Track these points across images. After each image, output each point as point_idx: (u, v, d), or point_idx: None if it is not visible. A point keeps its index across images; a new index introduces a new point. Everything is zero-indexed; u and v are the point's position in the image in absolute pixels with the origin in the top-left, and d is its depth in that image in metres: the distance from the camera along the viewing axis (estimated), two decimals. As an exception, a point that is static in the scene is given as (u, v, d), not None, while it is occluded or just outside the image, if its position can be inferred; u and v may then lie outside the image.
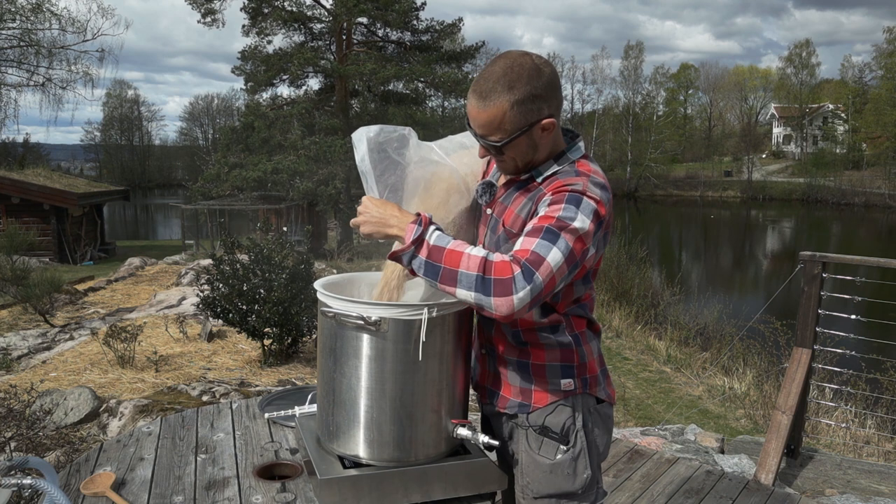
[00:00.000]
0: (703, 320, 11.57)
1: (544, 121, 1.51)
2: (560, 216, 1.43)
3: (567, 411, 1.63)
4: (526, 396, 1.65)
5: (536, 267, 1.37)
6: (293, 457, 1.89)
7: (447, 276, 1.39)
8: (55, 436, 4.69)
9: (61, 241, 18.85)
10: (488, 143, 1.53)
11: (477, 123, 1.52)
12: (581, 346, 1.64)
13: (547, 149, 1.58)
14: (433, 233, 1.44)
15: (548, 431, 1.62)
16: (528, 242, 1.41)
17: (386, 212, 1.51)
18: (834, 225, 41.69)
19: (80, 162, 67.13)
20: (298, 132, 20.86)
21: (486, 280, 1.35)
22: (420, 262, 1.42)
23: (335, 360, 1.60)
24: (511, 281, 1.35)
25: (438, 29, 23.47)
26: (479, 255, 1.38)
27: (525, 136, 1.52)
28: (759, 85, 68.84)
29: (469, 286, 1.37)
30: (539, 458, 1.63)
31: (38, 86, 26.95)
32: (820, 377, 5.14)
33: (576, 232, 1.42)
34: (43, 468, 1.66)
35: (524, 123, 1.49)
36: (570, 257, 1.41)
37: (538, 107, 1.49)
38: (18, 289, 9.89)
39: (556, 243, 1.40)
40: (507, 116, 1.48)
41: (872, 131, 53.27)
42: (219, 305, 6.59)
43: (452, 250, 1.40)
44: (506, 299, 1.35)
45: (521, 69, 1.48)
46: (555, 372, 1.63)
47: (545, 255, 1.38)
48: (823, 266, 3.96)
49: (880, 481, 3.91)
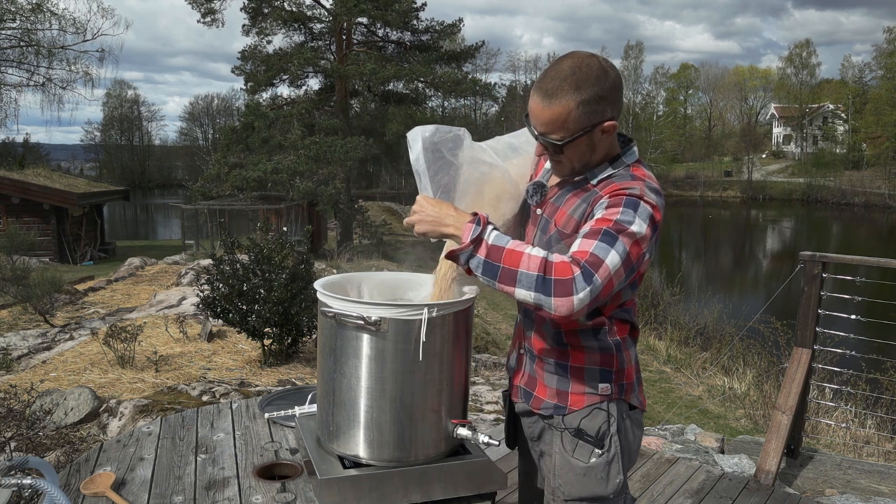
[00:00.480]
0: (703, 320, 11.58)
1: (606, 123, 1.51)
2: (618, 219, 1.43)
3: (602, 415, 1.63)
4: (562, 398, 1.65)
5: (596, 269, 1.37)
6: (293, 457, 1.89)
7: (506, 275, 1.38)
8: (55, 436, 4.69)
9: (61, 241, 18.85)
10: (549, 140, 1.53)
11: (540, 121, 1.52)
12: (621, 351, 1.65)
13: (603, 151, 1.58)
14: (491, 232, 1.43)
15: (583, 434, 1.63)
16: (587, 244, 1.41)
17: (442, 211, 1.49)
18: (834, 225, 41.70)
19: (80, 162, 67.12)
20: (298, 132, 20.86)
21: (547, 280, 1.35)
22: (478, 261, 1.41)
23: (335, 360, 1.60)
24: (572, 282, 1.35)
25: (438, 29, 23.48)
26: (540, 256, 1.38)
27: (586, 137, 1.52)
28: (759, 85, 68.86)
29: (529, 286, 1.36)
30: (573, 460, 1.63)
31: (38, 86, 26.96)
32: (820, 377, 5.14)
33: (633, 236, 1.42)
34: (43, 468, 1.66)
35: (587, 124, 1.50)
36: (628, 261, 1.41)
37: (602, 108, 1.50)
38: (18, 289, 9.89)
39: (614, 246, 1.40)
40: (571, 116, 1.48)
41: (872, 131, 53.26)
42: (219, 305, 6.59)
43: (512, 250, 1.39)
44: (566, 300, 1.35)
45: (588, 70, 1.48)
46: (593, 375, 1.63)
47: (604, 257, 1.38)
48: (823, 266, 3.96)
49: (880, 481, 3.91)
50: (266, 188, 20.74)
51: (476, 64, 25.74)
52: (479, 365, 7.78)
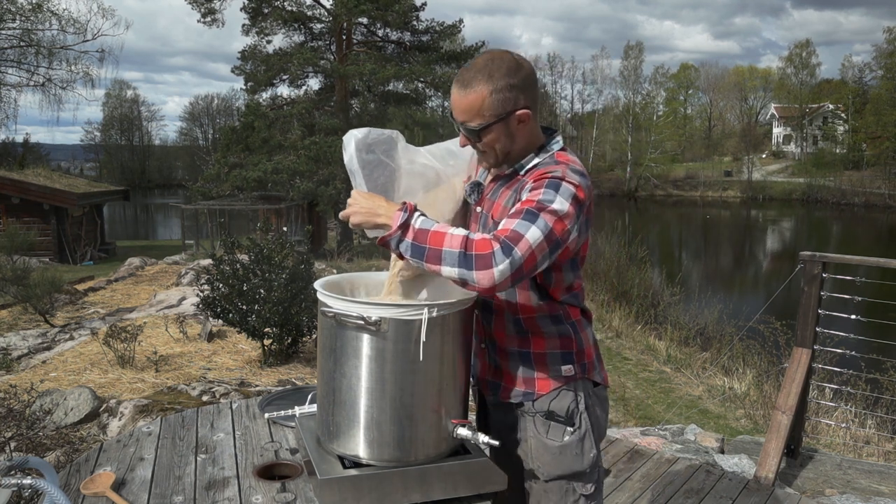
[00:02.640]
0: (703, 320, 11.57)
1: (520, 111, 1.62)
2: (540, 199, 1.52)
3: (570, 395, 1.72)
4: (529, 385, 1.74)
5: (515, 243, 1.45)
6: (293, 457, 1.89)
7: (432, 255, 1.47)
8: (55, 436, 4.69)
9: (61, 241, 18.84)
10: (467, 128, 1.64)
11: (458, 110, 1.64)
12: (578, 333, 1.75)
13: (524, 140, 1.68)
14: (418, 218, 1.51)
15: (554, 416, 1.71)
16: (509, 223, 1.50)
17: (374, 202, 1.57)
18: (834, 225, 41.69)
19: (80, 162, 67.12)
20: (298, 132, 20.87)
21: (468, 256, 1.44)
22: (406, 244, 1.49)
23: (335, 360, 1.61)
24: (491, 255, 1.43)
25: (438, 29, 23.48)
26: (461, 234, 1.47)
27: (502, 124, 1.63)
28: (759, 85, 68.85)
29: (453, 263, 1.45)
30: (548, 441, 1.72)
31: (38, 86, 26.95)
32: (820, 377, 5.14)
33: (555, 213, 1.51)
34: (43, 468, 1.66)
35: (501, 111, 1.61)
36: (550, 235, 1.49)
37: (515, 96, 1.61)
38: (18, 289, 9.88)
39: (534, 222, 1.48)
40: (485, 103, 1.60)
41: (872, 131, 53.24)
42: (219, 305, 6.59)
43: (436, 231, 1.48)
44: (487, 272, 1.43)
45: (500, 61, 1.61)
46: (555, 359, 1.72)
47: (524, 232, 1.46)
48: (823, 266, 3.96)
49: (880, 481, 3.91)
50: (266, 188, 20.74)
51: (476, 64, 25.77)
52: (479, 365, 7.78)
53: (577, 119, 66.22)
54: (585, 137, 62.36)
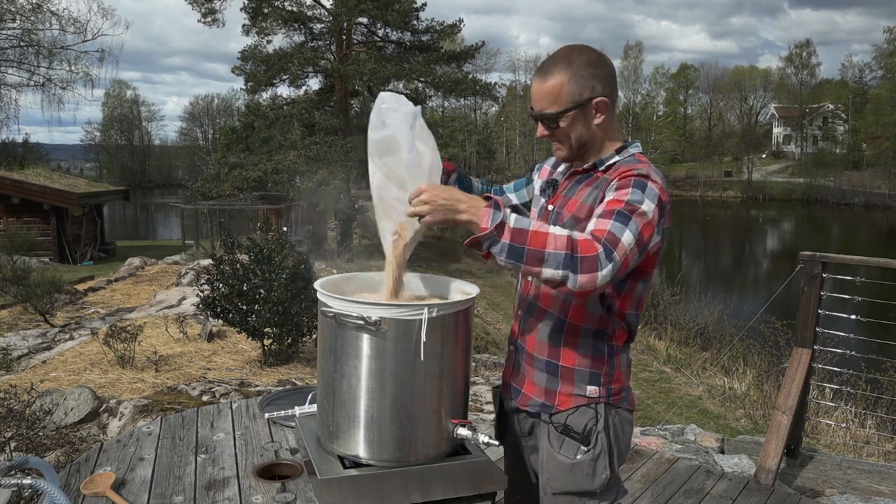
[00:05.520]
0: (703, 320, 11.57)
1: (598, 99, 1.60)
2: (629, 199, 1.48)
3: (590, 413, 1.65)
4: (550, 398, 1.68)
5: (614, 246, 1.41)
6: (293, 457, 1.89)
7: (533, 257, 1.39)
8: (55, 436, 4.69)
9: (61, 241, 18.83)
10: (545, 115, 1.61)
11: (537, 98, 1.62)
12: (613, 356, 1.67)
13: (601, 133, 1.65)
14: (511, 215, 1.42)
15: (569, 431, 1.65)
16: (603, 223, 1.45)
17: (452, 195, 1.45)
18: (834, 225, 41.68)
19: (80, 162, 67.08)
20: (298, 132, 20.84)
21: (575, 258, 1.38)
22: (503, 246, 1.40)
23: (335, 360, 1.60)
24: (596, 258, 1.39)
25: (438, 29, 23.47)
26: (565, 234, 1.40)
27: (580, 111, 1.60)
28: (759, 85, 68.85)
29: (557, 265, 1.38)
30: (559, 456, 1.66)
31: (38, 86, 26.96)
32: (820, 377, 5.14)
33: (644, 216, 1.47)
34: (43, 468, 1.66)
35: (579, 98, 1.59)
36: (640, 239, 1.46)
37: (593, 84, 1.59)
38: (19, 289, 9.89)
39: (628, 225, 1.44)
40: (564, 89, 1.58)
41: (872, 131, 53.24)
42: (219, 305, 6.59)
43: (537, 231, 1.41)
44: (591, 276, 1.38)
45: (580, 52, 1.62)
46: (582, 377, 1.65)
47: (620, 235, 1.43)
48: (823, 266, 3.96)
49: (880, 481, 3.91)
50: (266, 188, 20.73)
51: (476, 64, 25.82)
52: (479, 365, 7.78)
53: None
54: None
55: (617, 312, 1.64)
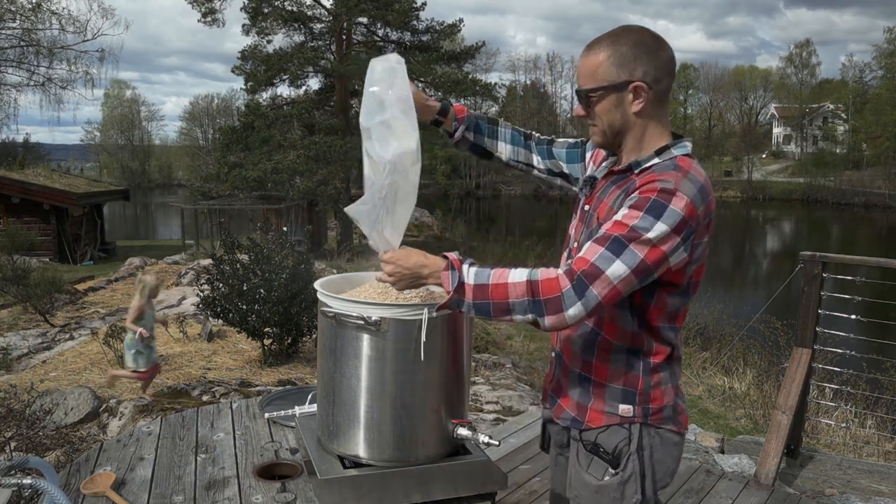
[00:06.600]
0: (703, 320, 11.56)
1: (636, 83, 1.47)
2: (634, 225, 1.38)
3: (622, 433, 1.55)
4: (581, 412, 1.59)
5: (592, 280, 1.35)
6: (293, 457, 1.89)
7: (498, 309, 1.40)
8: (55, 436, 4.69)
9: (61, 241, 18.83)
10: (579, 90, 1.54)
11: (579, 73, 1.54)
12: (649, 375, 1.55)
13: (641, 124, 1.51)
14: (468, 271, 1.42)
15: (599, 450, 1.56)
16: (592, 251, 1.39)
17: (412, 260, 1.48)
18: (834, 225, 41.68)
19: (80, 162, 67.07)
20: (298, 132, 20.84)
21: (538, 302, 1.37)
22: (468, 305, 1.42)
23: (335, 360, 1.60)
24: (560, 299, 1.36)
25: (438, 29, 23.48)
26: (524, 279, 1.38)
27: (615, 95, 1.49)
28: (759, 85, 68.86)
29: (523, 311, 1.38)
30: (586, 476, 1.57)
31: (38, 86, 26.95)
32: (820, 377, 5.14)
33: (648, 242, 1.37)
34: (43, 468, 1.66)
35: (616, 78, 1.47)
36: (639, 267, 1.37)
37: (634, 67, 1.46)
38: (18, 289, 9.89)
39: (620, 255, 1.36)
40: (602, 66, 1.48)
41: (872, 131, 53.23)
42: (219, 305, 6.59)
43: (496, 284, 1.39)
44: (557, 317, 1.37)
45: (631, 32, 1.49)
46: (615, 395, 1.56)
47: (604, 268, 1.36)
48: (823, 266, 3.96)
49: (880, 481, 3.91)
50: (266, 188, 20.72)
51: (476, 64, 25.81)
52: (479, 365, 7.77)
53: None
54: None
55: (648, 327, 1.53)
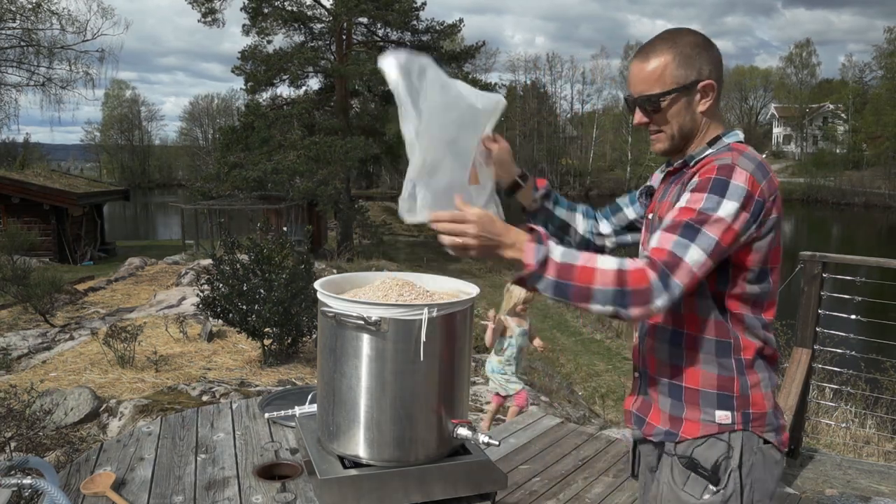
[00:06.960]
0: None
1: (705, 82, 1.47)
2: (701, 208, 1.34)
3: (721, 446, 1.45)
4: (675, 424, 1.50)
5: (673, 270, 1.31)
6: (293, 457, 1.89)
7: (579, 293, 1.31)
8: (55, 436, 4.69)
9: (61, 241, 18.84)
10: (647, 97, 1.48)
11: (638, 81, 1.49)
12: (743, 374, 1.46)
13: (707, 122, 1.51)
14: (556, 248, 1.33)
15: (696, 466, 1.46)
16: (665, 240, 1.34)
17: (493, 227, 1.35)
18: (834, 225, 41.69)
19: (80, 162, 67.06)
20: (298, 132, 20.85)
21: (625, 292, 1.30)
22: (547, 283, 1.32)
23: (335, 360, 1.60)
24: (649, 291, 1.30)
25: (439, 29, 23.49)
26: (613, 269, 1.31)
27: (684, 96, 1.47)
28: (759, 85, 68.88)
29: (605, 301, 1.31)
30: (683, 494, 1.47)
31: (38, 86, 26.95)
32: (820, 377, 5.14)
33: (720, 221, 1.33)
34: (43, 468, 1.66)
35: (683, 80, 1.46)
36: (716, 249, 1.33)
37: (699, 64, 1.46)
38: (19, 289, 9.89)
39: (695, 240, 1.32)
40: (668, 69, 1.46)
41: (872, 131, 53.26)
42: (219, 305, 6.59)
43: (584, 266, 1.31)
44: (643, 308, 1.31)
45: (686, 33, 1.49)
46: (709, 400, 1.47)
47: (682, 255, 1.32)
48: (823, 266, 3.97)
49: (880, 481, 3.91)
50: (266, 188, 20.73)
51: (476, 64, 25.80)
52: (479, 365, 7.77)
53: (578, 119, 66.15)
54: (585, 137, 62.35)
55: (730, 314, 1.45)
